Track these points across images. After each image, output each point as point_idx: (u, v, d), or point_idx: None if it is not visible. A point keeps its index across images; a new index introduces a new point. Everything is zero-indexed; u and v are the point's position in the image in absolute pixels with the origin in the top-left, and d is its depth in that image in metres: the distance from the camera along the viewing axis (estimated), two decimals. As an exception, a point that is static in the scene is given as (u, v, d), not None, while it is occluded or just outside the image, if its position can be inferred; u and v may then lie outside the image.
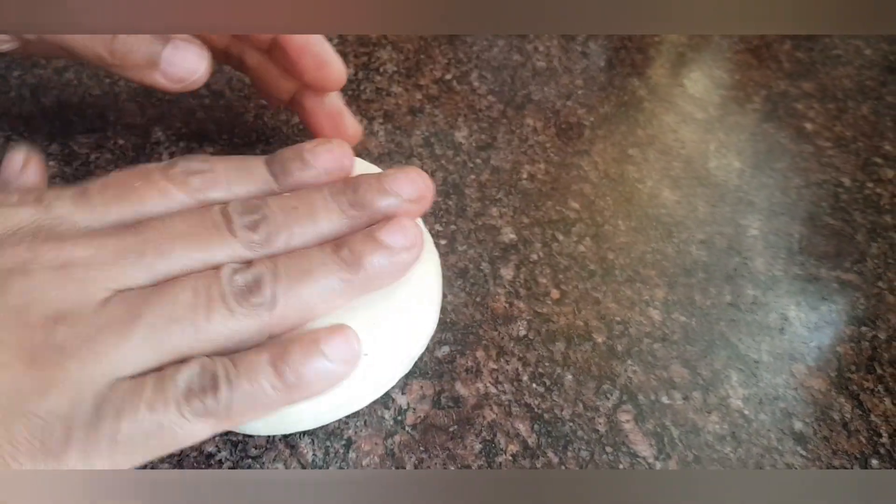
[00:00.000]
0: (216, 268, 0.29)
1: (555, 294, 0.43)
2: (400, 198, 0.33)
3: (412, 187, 0.33)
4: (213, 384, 0.27)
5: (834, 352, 0.41)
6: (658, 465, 0.36)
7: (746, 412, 0.38)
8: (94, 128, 0.48)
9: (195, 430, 0.27)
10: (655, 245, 0.46)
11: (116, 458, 0.26)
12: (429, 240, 0.38)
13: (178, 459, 0.34)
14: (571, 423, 0.37)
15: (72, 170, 0.45)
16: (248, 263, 0.30)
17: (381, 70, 0.56)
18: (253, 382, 0.28)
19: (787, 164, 0.52)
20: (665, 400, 0.38)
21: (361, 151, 0.49)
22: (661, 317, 0.42)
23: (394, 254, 0.31)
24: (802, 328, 0.42)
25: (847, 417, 0.38)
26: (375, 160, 0.49)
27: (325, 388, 0.29)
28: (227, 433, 0.35)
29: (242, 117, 0.50)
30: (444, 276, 0.42)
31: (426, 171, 0.47)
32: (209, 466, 0.34)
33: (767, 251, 0.46)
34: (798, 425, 0.38)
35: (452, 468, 0.35)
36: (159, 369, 0.27)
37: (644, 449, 0.36)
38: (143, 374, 0.27)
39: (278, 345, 0.29)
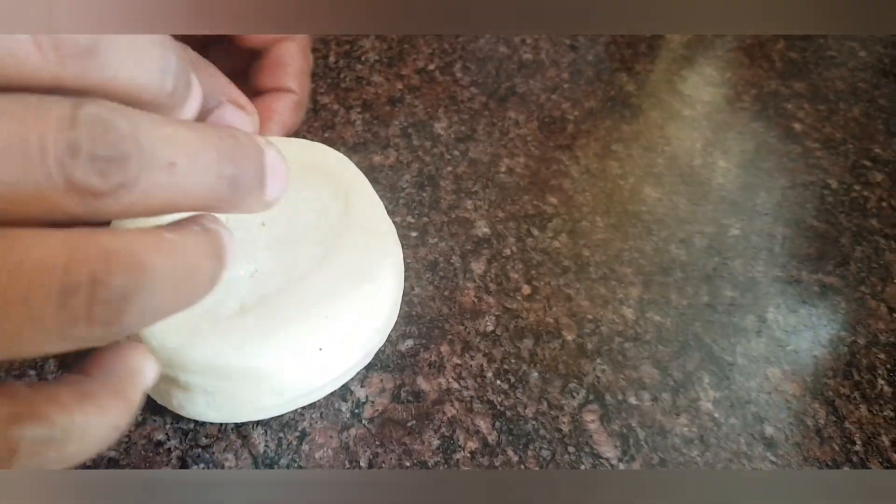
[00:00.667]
0: None
1: (526, 290, 0.42)
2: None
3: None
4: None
5: (811, 356, 0.40)
6: (621, 467, 0.35)
7: (717, 415, 0.37)
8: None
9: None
10: (633, 243, 0.45)
11: None
12: (391, 232, 0.37)
13: (126, 447, 0.33)
14: (534, 422, 0.36)
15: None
16: None
17: (363, 59, 0.55)
18: None
19: (773, 165, 0.51)
20: (633, 400, 0.37)
21: (336, 140, 0.48)
22: (634, 316, 0.41)
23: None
24: (780, 331, 0.41)
25: (821, 423, 0.37)
26: (350, 149, 0.48)
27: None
28: (179, 420, 0.34)
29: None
30: (412, 269, 0.41)
31: (402, 162, 0.47)
32: (158, 455, 0.33)
33: (748, 252, 0.45)
34: (769, 430, 0.36)
35: (408, 464, 0.34)
36: None
37: (608, 450, 0.35)
38: None
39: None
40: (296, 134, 0.46)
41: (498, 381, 0.37)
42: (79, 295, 0.18)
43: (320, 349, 0.32)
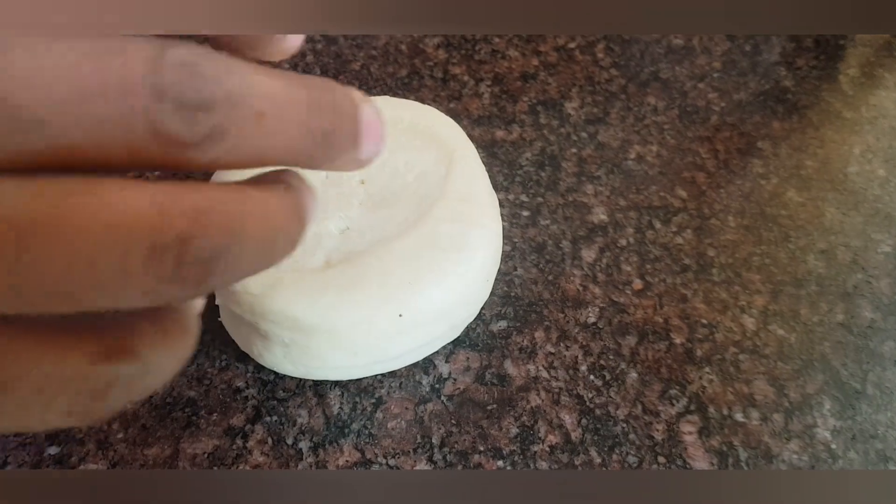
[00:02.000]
0: None
1: (637, 284, 0.39)
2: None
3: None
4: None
5: (959, 397, 0.35)
6: (714, 487, 0.31)
7: (834, 446, 0.33)
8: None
9: None
10: (766, 248, 0.41)
11: None
12: (493, 205, 0.35)
13: (207, 389, 0.34)
14: (625, 425, 0.33)
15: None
16: None
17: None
18: None
19: (944, 180, 0.45)
20: (739, 417, 0.34)
21: (460, 112, 0.47)
22: (755, 326, 0.37)
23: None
24: (924, 364, 0.36)
25: (959, 474, 0.32)
26: (473, 122, 0.46)
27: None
28: (260, 371, 0.34)
29: (349, 65, 0.49)
30: (518, 249, 0.39)
31: (525, 139, 0.45)
32: (235, 401, 0.33)
33: (899, 272, 0.40)
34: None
35: (481, 448, 0.32)
36: None
37: (702, 466, 0.32)
38: None
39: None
40: (419, 101, 0.45)
41: (591, 377, 0.35)
42: (168, 255, 0.17)
43: (400, 315, 0.30)
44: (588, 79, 0.50)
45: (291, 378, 0.34)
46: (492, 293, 0.37)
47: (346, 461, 0.32)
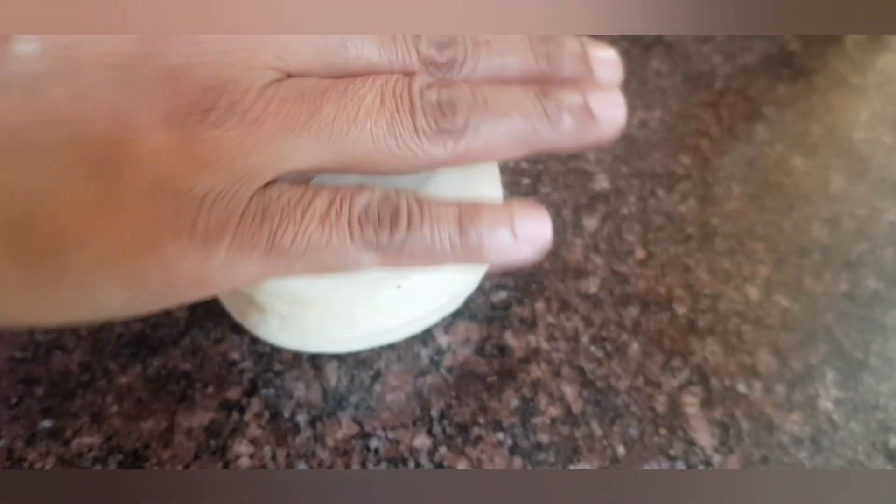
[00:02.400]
0: (407, 75, 0.26)
1: (640, 254, 0.38)
2: (594, 74, 0.29)
3: (613, 70, 0.30)
4: (393, 219, 0.24)
5: (963, 367, 0.35)
6: (716, 459, 0.31)
7: (835, 417, 0.33)
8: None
9: (361, 258, 0.25)
10: (770, 217, 0.40)
11: (272, 263, 0.24)
12: (492, 171, 0.34)
13: (201, 362, 0.33)
14: (626, 396, 0.33)
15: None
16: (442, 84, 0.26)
17: (503, -6, 0.52)
18: (434, 232, 0.25)
19: (952, 146, 0.44)
20: (742, 388, 0.34)
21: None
22: (759, 296, 0.37)
23: (594, 125, 0.27)
24: (928, 334, 0.36)
25: (962, 445, 0.32)
26: (473, 86, 0.45)
27: (500, 260, 0.26)
28: (256, 343, 0.34)
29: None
30: (517, 217, 0.39)
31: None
32: (230, 374, 0.33)
33: (905, 241, 0.39)
34: (895, 442, 0.32)
35: (481, 420, 0.32)
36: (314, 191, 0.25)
37: (704, 437, 0.32)
38: (306, 181, 0.25)
39: (469, 205, 0.26)
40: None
41: (592, 348, 0.35)
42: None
43: (399, 287, 0.30)
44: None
45: (288, 350, 0.34)
46: (491, 263, 0.36)
47: (345, 434, 0.31)
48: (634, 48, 0.49)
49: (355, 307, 0.30)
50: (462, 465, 0.30)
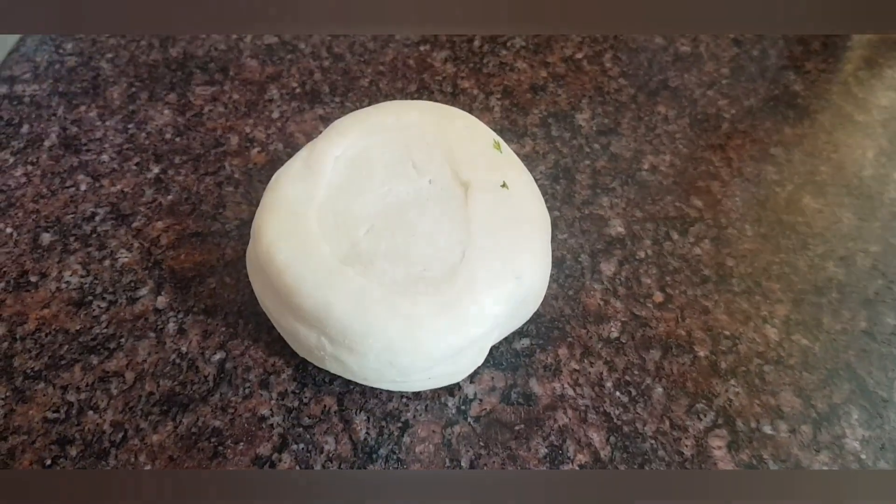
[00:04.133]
0: None
1: (658, 297, 0.39)
2: None
3: None
4: None
5: None
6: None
7: (863, 456, 0.33)
8: (212, 81, 0.48)
9: None
10: (785, 256, 0.41)
11: None
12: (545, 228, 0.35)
13: (231, 419, 0.33)
14: (653, 441, 0.33)
15: (184, 119, 0.45)
16: None
17: (509, 44, 0.53)
18: None
19: (959, 181, 0.45)
20: (768, 430, 0.34)
21: (473, 126, 0.46)
22: (778, 336, 0.37)
23: None
24: (950, 369, 0.36)
25: None
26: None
27: None
28: (284, 398, 0.34)
29: (357, 82, 0.49)
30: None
31: (538, 152, 0.44)
32: (260, 430, 0.33)
33: (919, 276, 0.40)
34: (925, 481, 0.32)
35: (511, 469, 0.32)
36: None
37: (733, 481, 0.32)
38: None
39: None
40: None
41: (617, 393, 0.35)
42: None
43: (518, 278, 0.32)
44: (597, 89, 0.50)
45: (316, 403, 0.34)
46: (513, 311, 0.37)
47: (376, 487, 0.31)
48: (640, 94, 0.49)
49: (426, 359, 0.31)
50: (495, 516, 0.30)
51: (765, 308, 0.38)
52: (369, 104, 0.47)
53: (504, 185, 0.34)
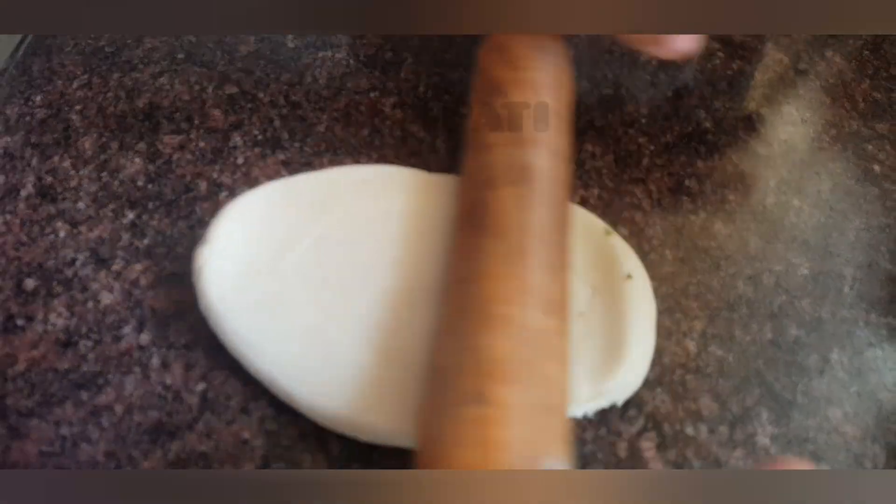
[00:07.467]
0: None
1: (592, 318, 0.43)
2: None
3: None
4: None
5: (874, 399, 0.41)
6: (675, 495, 0.36)
7: (773, 451, 0.38)
8: (179, 130, 0.51)
9: None
10: (701, 277, 0.46)
11: None
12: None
13: (216, 444, 0.37)
14: (592, 445, 0.38)
15: (154, 167, 0.48)
16: None
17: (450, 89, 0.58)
18: None
19: (849, 206, 0.51)
20: (690, 431, 0.39)
21: (421, 167, 0.50)
22: (697, 349, 0.42)
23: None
24: (843, 372, 0.42)
25: (879, 467, 0.38)
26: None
27: None
28: (264, 422, 0.38)
29: (314, 128, 0.53)
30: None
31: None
32: (243, 452, 0.37)
33: (816, 291, 0.46)
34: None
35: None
36: None
37: (662, 477, 0.37)
38: None
39: None
40: (384, 161, 0.49)
41: (560, 405, 0.39)
42: None
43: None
44: (531, 130, 0.55)
45: (294, 426, 0.38)
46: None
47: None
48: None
49: None
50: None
51: (684, 324, 0.44)
52: (325, 149, 0.51)
53: None
